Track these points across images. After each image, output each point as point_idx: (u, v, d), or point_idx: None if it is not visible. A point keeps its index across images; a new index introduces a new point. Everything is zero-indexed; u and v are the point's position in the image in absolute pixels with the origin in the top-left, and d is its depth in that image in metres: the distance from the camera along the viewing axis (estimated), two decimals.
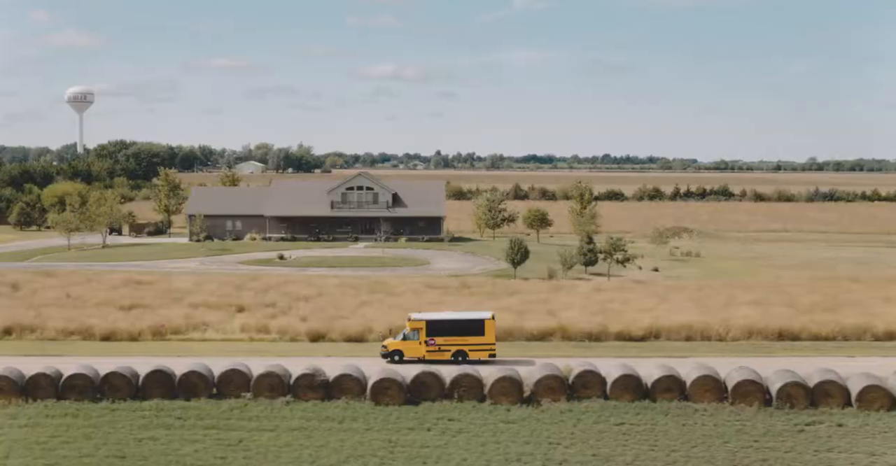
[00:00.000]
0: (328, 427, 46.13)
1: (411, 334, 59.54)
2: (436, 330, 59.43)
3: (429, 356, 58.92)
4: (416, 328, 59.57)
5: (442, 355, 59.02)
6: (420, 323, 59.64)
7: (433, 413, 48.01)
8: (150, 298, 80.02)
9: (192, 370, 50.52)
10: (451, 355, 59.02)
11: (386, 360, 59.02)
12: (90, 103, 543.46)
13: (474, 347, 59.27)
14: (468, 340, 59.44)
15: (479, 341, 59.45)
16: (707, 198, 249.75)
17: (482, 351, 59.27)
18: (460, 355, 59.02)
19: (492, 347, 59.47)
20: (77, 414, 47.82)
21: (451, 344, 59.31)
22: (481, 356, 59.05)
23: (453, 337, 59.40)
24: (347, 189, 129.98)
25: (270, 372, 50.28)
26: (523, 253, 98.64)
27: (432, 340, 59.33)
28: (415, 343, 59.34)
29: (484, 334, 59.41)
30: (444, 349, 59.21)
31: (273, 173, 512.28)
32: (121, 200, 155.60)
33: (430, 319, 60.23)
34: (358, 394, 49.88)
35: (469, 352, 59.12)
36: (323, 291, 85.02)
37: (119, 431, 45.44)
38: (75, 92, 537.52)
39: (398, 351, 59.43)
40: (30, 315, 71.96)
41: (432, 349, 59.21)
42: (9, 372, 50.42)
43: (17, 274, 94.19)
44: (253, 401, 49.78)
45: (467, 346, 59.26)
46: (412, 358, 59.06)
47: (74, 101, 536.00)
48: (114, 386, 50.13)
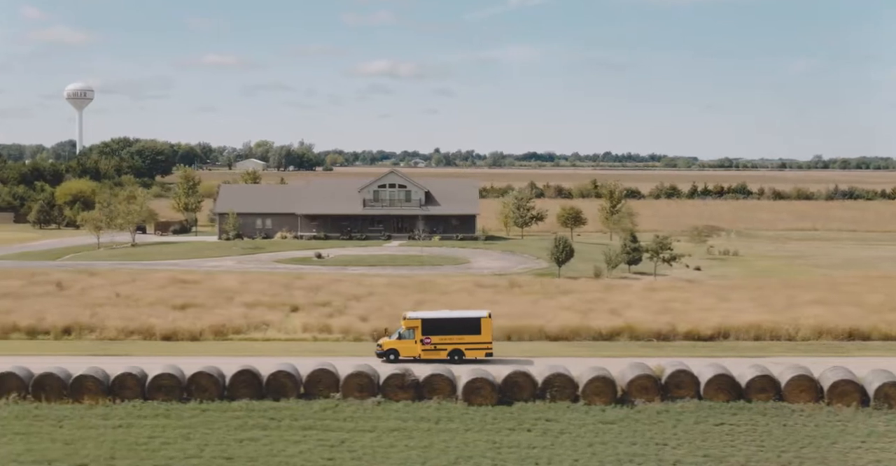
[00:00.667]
0: (426, 428, 46.10)
1: (407, 333, 59.42)
2: (432, 329, 59.29)
3: (424, 355, 58.72)
4: (411, 327, 59.41)
5: (438, 354, 58.87)
6: (416, 322, 59.47)
7: (529, 414, 48.02)
8: (203, 297, 79.92)
9: (280, 370, 50.48)
10: (447, 354, 58.90)
11: (381, 360, 58.82)
12: (90, 100, 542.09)
13: (471, 346, 59.17)
14: (465, 339, 59.31)
15: (476, 340, 59.31)
16: (725, 196, 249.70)
17: (479, 349, 59.15)
18: (456, 354, 58.92)
19: (488, 346, 59.36)
20: (168, 415, 47.76)
21: (448, 343, 59.19)
22: (478, 355, 58.88)
23: (449, 336, 59.28)
24: (379, 187, 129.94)
25: (360, 372, 50.25)
26: (568, 251, 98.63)
27: (428, 339, 59.17)
28: (410, 342, 59.19)
29: (481, 333, 59.30)
30: (440, 348, 59.07)
31: (274, 171, 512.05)
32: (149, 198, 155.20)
33: (426, 318, 60.11)
34: (449, 394, 49.86)
35: (465, 351, 59.00)
36: (373, 290, 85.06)
37: (216, 432, 45.35)
38: (74, 88, 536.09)
39: (394, 350, 59.24)
40: (85, 314, 71.90)
41: (428, 348, 59.05)
42: (94, 372, 50.35)
43: (60, 273, 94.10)
44: (343, 401, 49.74)
45: (464, 345, 59.15)
46: (407, 357, 58.85)
47: (74, 98, 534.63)
48: (201, 387, 50.08)
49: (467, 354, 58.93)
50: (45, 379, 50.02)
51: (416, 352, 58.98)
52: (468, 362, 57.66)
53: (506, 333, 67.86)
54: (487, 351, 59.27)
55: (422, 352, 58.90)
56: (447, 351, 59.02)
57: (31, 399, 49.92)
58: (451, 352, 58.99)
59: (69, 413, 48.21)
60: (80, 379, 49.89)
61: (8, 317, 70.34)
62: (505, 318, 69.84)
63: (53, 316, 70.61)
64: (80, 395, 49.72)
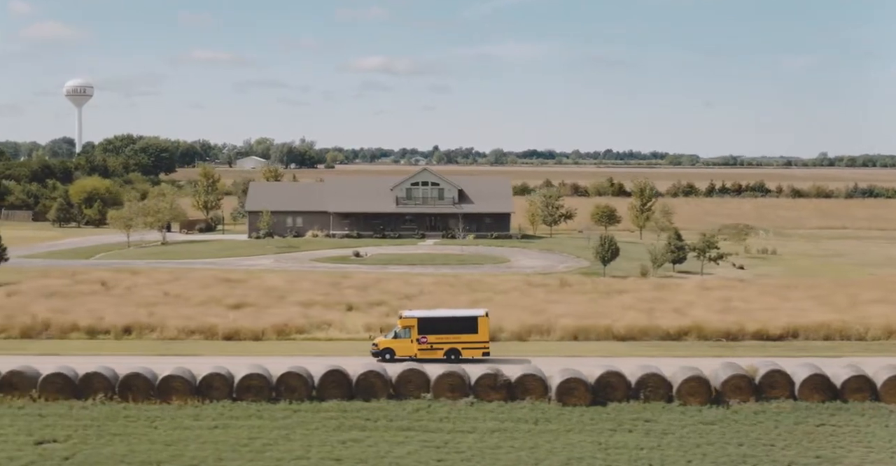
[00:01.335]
0: (526, 429, 46.12)
1: (402, 332, 59.40)
2: (428, 328, 59.26)
3: (421, 354, 58.70)
4: (407, 326, 59.39)
5: (434, 353, 58.82)
6: (411, 321, 59.45)
7: (626, 414, 48.06)
8: (254, 296, 79.86)
9: (371, 370, 50.46)
10: (444, 353, 58.88)
11: (377, 359, 58.81)
12: (89, 97, 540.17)
13: (468, 345, 59.13)
14: (461, 338, 59.25)
15: (473, 339, 59.25)
16: (743, 193, 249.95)
17: (476, 349, 59.12)
18: (453, 353, 58.88)
19: (485, 345, 59.34)
20: (261, 416, 47.73)
21: (444, 342, 59.16)
22: (475, 354, 58.86)
23: (446, 335, 59.25)
24: (412, 184, 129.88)
25: (451, 372, 50.26)
26: (614, 250, 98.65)
27: (424, 338, 59.11)
28: (406, 341, 59.17)
29: (477, 332, 59.27)
30: (437, 347, 59.04)
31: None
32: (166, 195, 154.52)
33: (422, 317, 60.09)
34: (542, 395, 49.88)
35: (462, 351, 58.98)
36: (423, 289, 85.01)
37: (315, 433, 45.34)
38: (74, 85, 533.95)
39: (389, 350, 59.20)
40: (141, 313, 71.80)
41: (424, 347, 59.01)
42: (181, 373, 50.32)
43: (100, 271, 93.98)
44: (435, 402, 49.74)
45: (460, 344, 59.11)
46: (403, 356, 58.83)
47: (73, 95, 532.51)
48: (290, 387, 50.06)
49: (464, 353, 58.89)
50: (132, 380, 49.99)
51: (413, 352, 58.96)
52: (465, 362, 57.56)
53: (571, 333, 68.02)
54: (485, 350, 59.22)
55: (418, 352, 58.89)
56: (444, 350, 58.97)
57: (117, 400, 49.89)
58: (448, 352, 58.96)
59: (159, 413, 48.17)
60: (167, 379, 49.85)
61: (65, 317, 70.20)
62: (569, 318, 70.00)
63: (111, 315, 70.52)
64: (167, 396, 49.69)
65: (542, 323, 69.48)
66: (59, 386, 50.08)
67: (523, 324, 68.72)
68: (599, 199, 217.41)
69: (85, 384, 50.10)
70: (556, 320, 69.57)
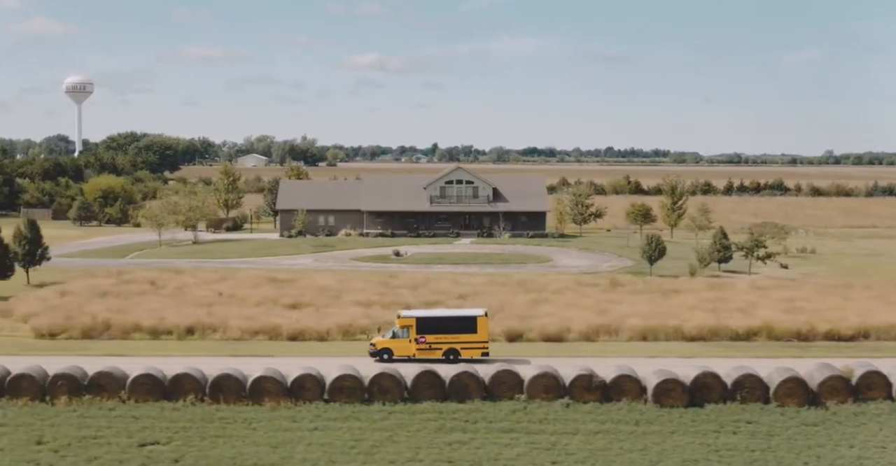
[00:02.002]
0: (629, 431, 46.20)
1: (401, 332, 59.43)
2: (426, 328, 59.30)
3: (419, 354, 58.79)
4: (405, 325, 59.43)
5: (433, 353, 58.91)
6: (410, 321, 59.49)
7: (726, 416, 48.17)
8: (310, 296, 79.76)
9: (464, 371, 50.48)
10: (443, 353, 58.97)
11: (375, 359, 58.91)
12: (89, 93, 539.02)
13: (467, 345, 59.23)
14: (460, 338, 59.33)
15: (472, 339, 59.33)
16: (762, 192, 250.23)
17: (475, 349, 59.19)
18: (452, 353, 58.98)
19: (485, 345, 59.43)
20: (358, 417, 47.81)
21: (443, 342, 59.23)
22: (474, 354, 58.93)
23: (445, 335, 59.32)
24: (446, 183, 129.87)
25: (545, 374, 50.34)
26: (661, 250, 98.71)
27: (423, 338, 59.15)
28: (405, 341, 59.23)
29: (477, 332, 59.35)
30: (436, 347, 59.11)
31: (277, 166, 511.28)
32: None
33: (421, 316, 60.16)
34: (637, 396, 49.97)
35: (461, 351, 59.08)
36: (475, 289, 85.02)
37: (418, 434, 45.40)
38: (73, 82, 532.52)
39: (387, 350, 59.22)
40: (201, 314, 71.77)
41: (423, 347, 59.08)
42: (272, 374, 50.35)
43: (143, 271, 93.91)
44: (529, 403, 49.81)
45: (459, 344, 59.21)
46: (402, 356, 58.93)
47: (73, 92, 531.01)
48: (383, 388, 50.12)
49: (463, 354, 58.96)
50: (223, 381, 50.02)
51: (411, 352, 59.03)
52: (462, 362, 57.67)
53: (640, 333, 68.10)
54: (484, 350, 59.27)
55: (416, 352, 58.96)
56: (442, 350, 59.03)
57: (208, 401, 49.92)
58: (447, 352, 59.03)
59: (254, 415, 48.21)
60: (259, 380, 49.89)
61: (125, 317, 70.19)
62: (636, 318, 70.12)
63: (172, 315, 70.49)
64: (259, 397, 49.73)
65: (609, 323, 69.60)
66: (149, 388, 50.11)
67: (590, 325, 68.82)
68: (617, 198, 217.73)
69: (175, 385, 50.12)
70: (623, 320, 69.68)
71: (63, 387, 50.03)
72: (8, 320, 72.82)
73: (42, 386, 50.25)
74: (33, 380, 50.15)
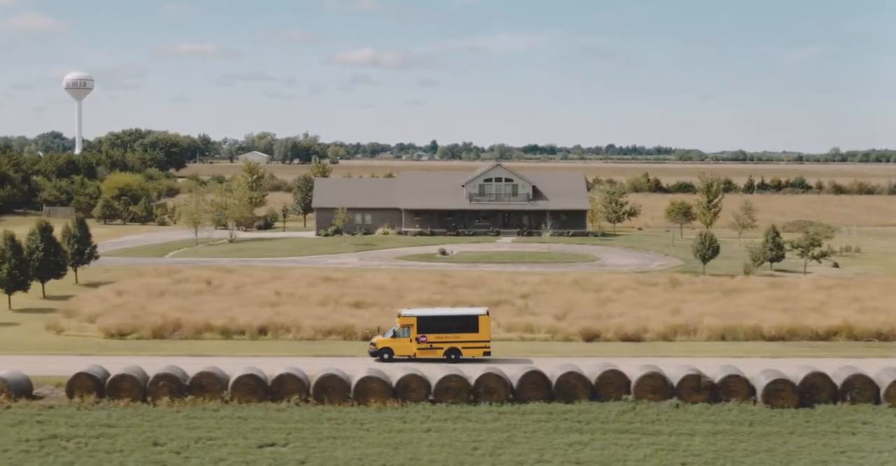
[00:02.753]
0: (747, 431, 46.32)
1: (401, 331, 59.52)
2: (427, 327, 59.38)
3: (420, 354, 58.89)
4: (406, 324, 59.52)
5: (434, 353, 59.00)
6: (411, 320, 59.57)
7: (840, 417, 48.36)
8: (373, 296, 79.75)
9: (571, 371, 50.62)
10: (444, 353, 59.09)
11: (375, 359, 59.01)
12: (89, 90, 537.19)
13: (468, 345, 59.30)
14: (461, 337, 59.40)
15: (474, 338, 59.39)
16: (783, 190, 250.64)
17: (476, 348, 59.29)
18: (453, 353, 59.09)
19: (486, 345, 59.51)
20: (468, 418, 47.91)
21: (444, 341, 59.33)
22: (475, 354, 59.05)
23: (446, 334, 59.40)
24: (485, 180, 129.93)
25: (653, 374, 50.50)
26: (715, 249, 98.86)
27: (424, 337, 59.24)
28: (405, 340, 59.34)
29: (478, 331, 59.41)
30: (437, 346, 59.21)
31: (279, 164, 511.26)
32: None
33: (422, 315, 60.21)
34: (746, 397, 50.13)
35: (462, 350, 59.15)
36: (534, 288, 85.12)
37: (535, 436, 45.48)
38: (74, 78, 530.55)
39: (388, 349, 59.34)
40: (268, 313, 71.77)
41: (424, 346, 59.18)
42: (377, 374, 50.48)
43: (198, 270, 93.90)
44: (637, 403, 49.94)
45: (461, 344, 59.29)
46: (402, 356, 59.03)
47: (73, 88, 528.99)
48: (489, 389, 50.25)
49: (464, 353, 59.08)
50: (327, 381, 50.11)
51: (412, 351, 59.15)
52: (465, 362, 57.83)
53: (718, 333, 68.25)
54: (486, 349, 59.37)
55: (417, 351, 59.09)
56: (444, 349, 59.14)
57: (313, 402, 49.98)
58: (448, 351, 59.14)
59: (362, 415, 48.30)
60: (364, 381, 49.98)
61: (193, 317, 70.18)
62: (712, 318, 70.20)
63: (241, 315, 70.51)
64: (365, 398, 49.82)
65: (685, 323, 69.75)
66: (252, 388, 50.18)
67: (667, 324, 68.97)
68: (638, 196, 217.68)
69: (278, 386, 50.19)
70: (699, 320, 69.82)
71: (164, 388, 50.08)
72: (72, 320, 72.83)
73: (143, 386, 50.30)
74: (134, 381, 50.20)
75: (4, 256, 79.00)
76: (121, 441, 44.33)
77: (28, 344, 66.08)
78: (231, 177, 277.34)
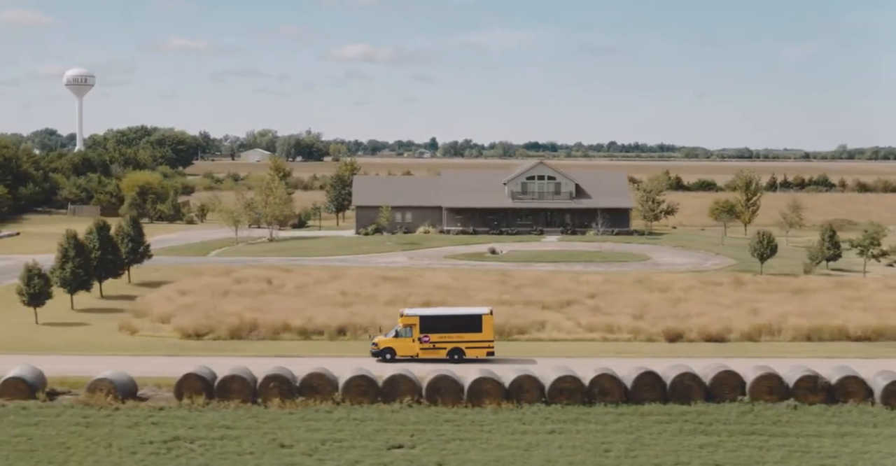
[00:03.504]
0: (874, 433, 46.47)
1: (404, 331, 59.58)
2: (430, 327, 59.42)
3: (423, 354, 58.95)
4: (408, 324, 59.56)
5: (437, 353, 59.05)
6: (413, 319, 59.61)
7: None
8: (440, 296, 79.64)
9: (686, 372, 50.71)
10: (447, 353, 59.14)
11: (377, 359, 59.02)
12: (91, 86, 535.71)
13: (471, 344, 59.36)
14: (465, 337, 59.47)
15: (477, 338, 59.44)
16: (807, 188, 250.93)
17: (480, 348, 59.36)
18: (456, 353, 59.14)
19: (490, 345, 59.57)
20: (588, 420, 47.96)
21: (447, 341, 59.36)
22: (479, 354, 59.09)
23: (449, 334, 59.44)
24: (528, 178, 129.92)
25: (769, 374, 50.63)
26: (773, 247, 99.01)
27: (426, 337, 59.27)
28: (408, 340, 59.39)
29: (482, 330, 59.45)
30: (440, 346, 59.26)
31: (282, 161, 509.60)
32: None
33: (424, 315, 60.32)
34: (863, 398, 50.31)
35: (466, 350, 59.22)
36: (600, 288, 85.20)
37: (661, 437, 45.51)
38: (74, 74, 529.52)
39: (390, 349, 59.38)
40: (343, 313, 71.76)
41: (426, 346, 59.19)
42: (489, 375, 50.57)
43: (255, 270, 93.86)
44: (754, 404, 50.07)
45: (464, 344, 59.37)
46: (404, 356, 59.07)
47: (74, 84, 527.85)
48: (604, 390, 50.39)
49: (468, 353, 59.13)
50: (439, 383, 50.21)
51: (414, 351, 59.17)
52: (468, 362, 57.95)
53: (804, 333, 68.38)
54: (489, 349, 59.40)
55: (420, 351, 59.12)
56: (447, 349, 59.20)
57: (425, 403, 50.01)
58: (451, 351, 59.21)
59: (479, 417, 48.32)
60: (478, 382, 50.06)
61: (267, 317, 70.14)
62: (797, 318, 70.30)
63: (319, 315, 70.52)
64: (479, 399, 49.88)
65: (769, 323, 69.85)
66: (364, 389, 50.22)
67: (752, 325, 69.07)
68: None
69: (389, 387, 50.21)
70: (783, 320, 69.93)
71: (275, 389, 50.08)
72: (143, 320, 72.79)
73: (252, 388, 50.28)
74: (244, 382, 50.19)
75: (67, 255, 79.02)
76: (245, 442, 44.31)
77: (105, 344, 66.09)
78: (246, 174, 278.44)
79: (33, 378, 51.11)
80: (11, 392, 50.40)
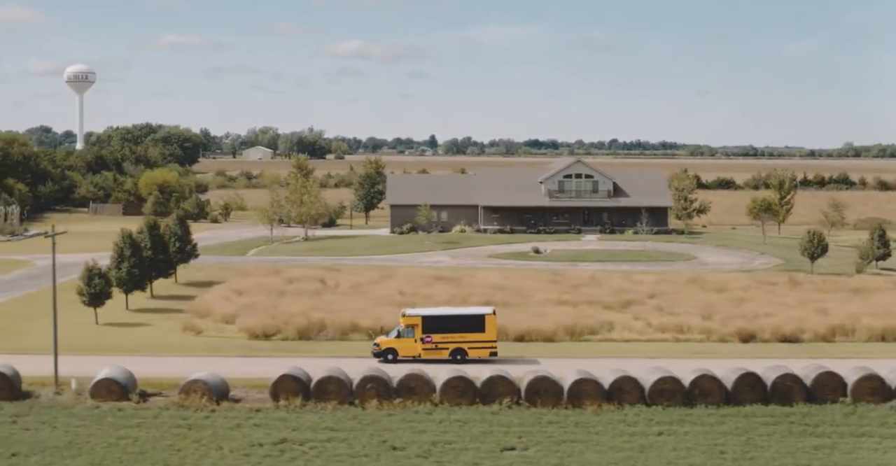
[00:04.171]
0: None
1: (406, 331, 59.69)
2: (432, 327, 59.51)
3: (425, 354, 59.03)
4: (410, 324, 59.67)
5: (439, 353, 59.16)
6: (415, 320, 59.71)
7: None
8: (500, 296, 79.65)
9: (787, 373, 50.87)
10: (449, 353, 59.25)
11: (378, 360, 59.09)
12: (91, 83, 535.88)
13: (474, 345, 59.47)
14: (467, 337, 59.57)
15: (480, 338, 59.55)
16: (827, 186, 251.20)
17: (483, 349, 59.46)
18: (459, 353, 59.21)
19: (493, 345, 59.67)
20: (691, 421, 48.14)
21: (449, 341, 59.49)
22: (481, 354, 59.20)
23: (451, 334, 59.52)
24: (565, 177, 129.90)
25: (870, 375, 50.83)
26: (823, 247, 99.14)
27: (429, 337, 59.36)
28: (410, 340, 59.51)
29: (485, 331, 59.51)
30: (442, 347, 59.35)
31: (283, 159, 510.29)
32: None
33: (427, 315, 60.35)
34: None
35: (468, 351, 59.32)
36: (655, 288, 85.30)
37: (771, 439, 45.60)
38: (75, 71, 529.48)
39: (392, 350, 59.47)
40: None
41: (429, 347, 59.28)
42: (589, 376, 50.71)
43: (303, 269, 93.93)
44: (857, 406, 50.22)
45: (467, 344, 59.49)
46: (406, 357, 59.14)
47: (74, 81, 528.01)
48: (704, 391, 50.52)
49: (470, 353, 59.23)
50: (538, 384, 50.29)
51: (417, 352, 59.22)
52: (470, 362, 58.03)
53: (878, 334, 68.57)
54: (492, 350, 59.52)
55: (422, 352, 59.17)
56: (449, 350, 59.29)
57: (525, 405, 50.07)
58: (454, 352, 59.29)
59: (582, 418, 48.44)
60: (578, 383, 50.14)
61: (334, 317, 70.13)
62: (872, 318, 70.44)
63: (393, 315, 70.26)
64: (579, 400, 49.96)
65: (842, 323, 69.95)
66: (461, 391, 50.30)
67: (827, 325, 69.19)
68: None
69: (488, 388, 50.28)
70: (856, 320, 70.05)
71: (372, 390, 50.12)
72: (206, 320, 72.73)
73: (349, 389, 50.30)
74: (341, 383, 50.23)
75: (123, 255, 78.96)
76: (356, 445, 44.34)
77: (173, 345, 66.07)
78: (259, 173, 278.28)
79: (125, 379, 51.12)
80: (104, 394, 50.42)
